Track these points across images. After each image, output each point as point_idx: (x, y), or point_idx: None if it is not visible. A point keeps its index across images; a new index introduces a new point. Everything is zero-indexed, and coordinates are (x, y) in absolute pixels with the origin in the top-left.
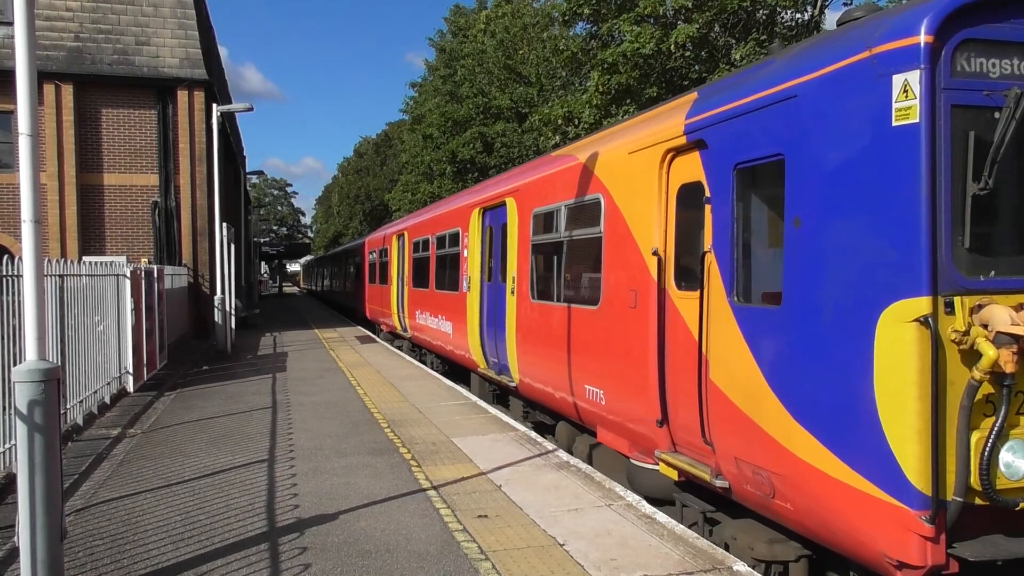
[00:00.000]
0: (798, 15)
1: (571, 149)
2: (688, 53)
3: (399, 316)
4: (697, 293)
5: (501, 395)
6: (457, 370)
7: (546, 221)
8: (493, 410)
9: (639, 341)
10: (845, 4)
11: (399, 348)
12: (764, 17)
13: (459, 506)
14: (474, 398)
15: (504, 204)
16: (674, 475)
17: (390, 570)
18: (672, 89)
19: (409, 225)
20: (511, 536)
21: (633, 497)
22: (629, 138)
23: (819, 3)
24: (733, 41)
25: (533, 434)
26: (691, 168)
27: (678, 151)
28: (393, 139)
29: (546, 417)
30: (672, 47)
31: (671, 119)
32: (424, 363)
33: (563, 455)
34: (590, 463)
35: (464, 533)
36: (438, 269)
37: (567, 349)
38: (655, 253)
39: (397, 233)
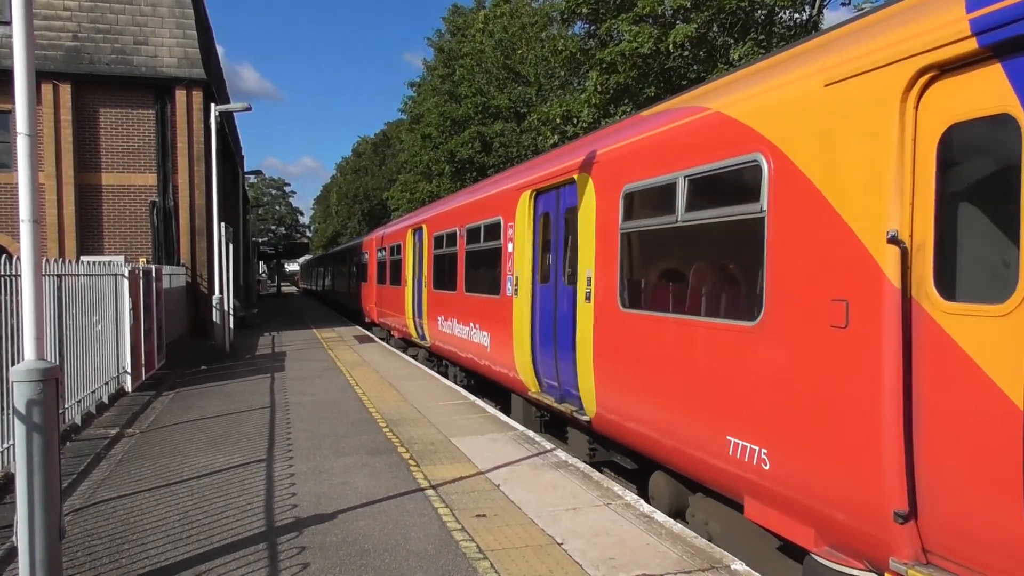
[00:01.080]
0: (796, 15)
1: (690, 97)
2: (686, 53)
3: (415, 322)
4: (1006, 308)
5: (553, 423)
6: (487, 386)
7: (648, 201)
8: (491, 409)
9: (856, 380)
10: (843, 4)
11: (414, 357)
12: (762, 17)
13: (457, 505)
14: (473, 398)
15: (570, 184)
16: None
17: (389, 569)
18: (670, 89)
19: (429, 217)
20: (509, 535)
21: (631, 496)
22: (824, 63)
23: (817, 3)
24: (731, 41)
25: (531, 433)
26: (977, 94)
27: (944, 68)
28: (392, 139)
29: (629, 460)
30: (670, 47)
31: (927, 18)
32: (446, 376)
33: (561, 454)
34: (710, 538)
35: (462, 532)
36: (469, 268)
37: (692, 382)
38: (894, 240)
39: (413, 227)
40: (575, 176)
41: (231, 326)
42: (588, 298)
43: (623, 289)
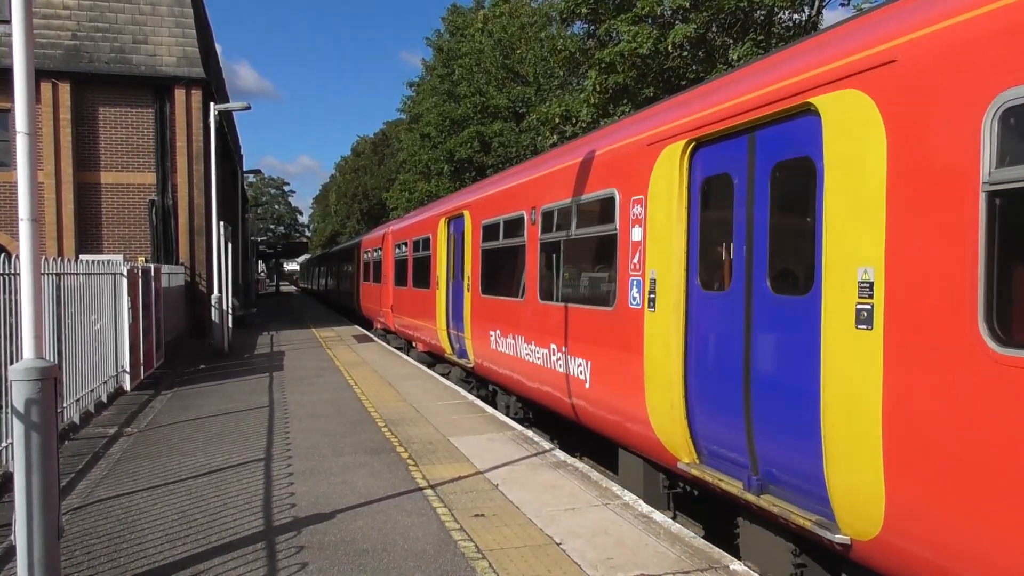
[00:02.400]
0: (796, 15)
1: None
2: (685, 53)
3: (451, 334)
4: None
5: (688, 497)
6: (545, 416)
7: None
8: (490, 409)
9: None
10: (843, 4)
11: (444, 375)
12: (761, 17)
13: (456, 505)
14: (471, 398)
15: (794, 117)
16: None
17: (387, 569)
18: (669, 89)
19: (474, 200)
20: (508, 535)
21: (630, 496)
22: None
23: (816, 3)
24: (730, 41)
25: (530, 433)
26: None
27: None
28: (391, 138)
29: None
30: (669, 47)
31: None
32: (493, 405)
33: (560, 454)
34: None
35: (461, 532)
36: (548, 266)
37: None
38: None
39: (448, 215)
40: (821, 97)
41: (230, 325)
42: (865, 322)
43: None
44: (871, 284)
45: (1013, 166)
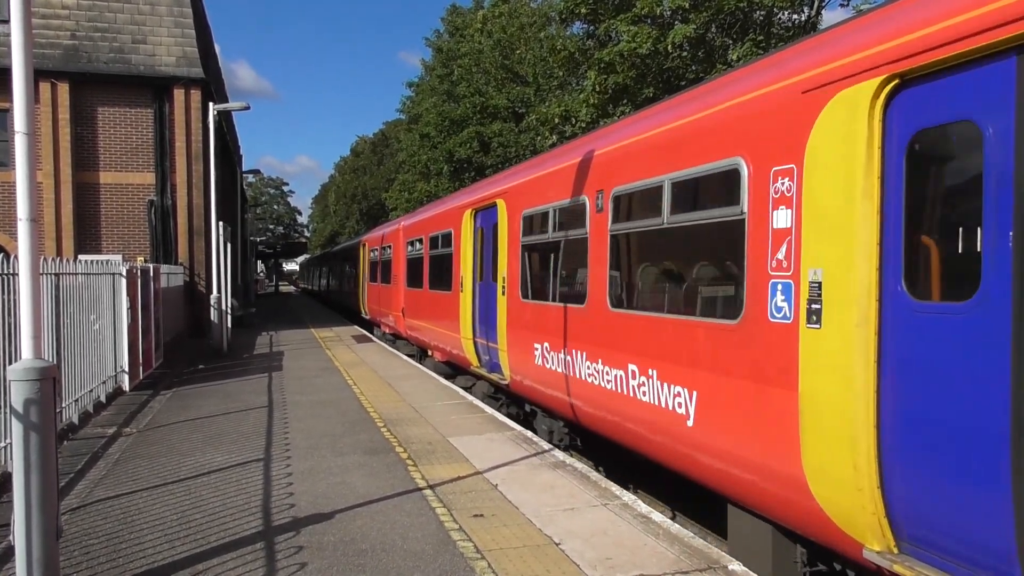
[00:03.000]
0: (795, 16)
1: None
2: (685, 53)
3: (479, 344)
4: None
5: None
6: (603, 447)
7: None
8: (489, 410)
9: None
10: (842, 5)
11: (466, 389)
12: (761, 18)
13: (455, 505)
14: (471, 398)
15: None
16: None
17: (386, 569)
18: (669, 89)
19: (512, 186)
20: (507, 535)
21: (629, 497)
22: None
23: (816, 4)
24: (730, 42)
25: (529, 433)
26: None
27: None
28: (390, 139)
29: None
30: (669, 47)
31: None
32: (529, 427)
33: (559, 454)
34: None
35: (460, 532)
36: (620, 265)
37: None
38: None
39: (476, 205)
40: None
41: (229, 325)
42: None
43: None
44: None
45: None
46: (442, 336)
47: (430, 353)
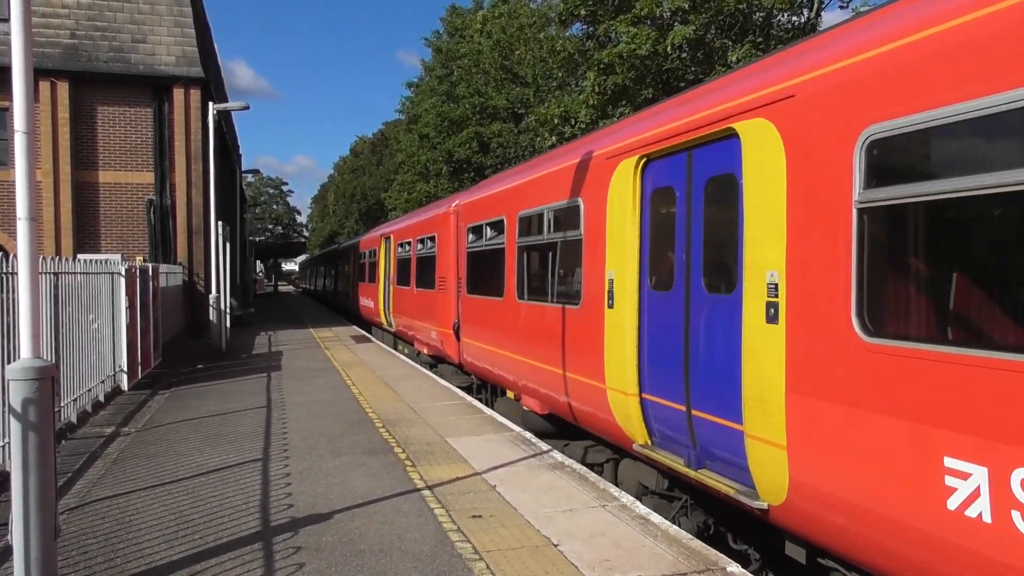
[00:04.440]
0: (795, 17)
1: None
2: (684, 55)
3: (656, 412)
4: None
5: None
6: None
7: None
8: (488, 410)
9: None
10: (841, 7)
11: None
12: (761, 19)
13: (453, 506)
14: (469, 398)
15: None
16: None
17: (384, 570)
18: (668, 91)
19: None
20: (505, 536)
21: (627, 498)
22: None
23: (815, 5)
24: (729, 43)
25: (528, 434)
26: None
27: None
28: (389, 139)
29: None
30: (668, 48)
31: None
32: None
33: (558, 455)
34: None
35: (458, 533)
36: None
37: None
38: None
39: (623, 150)
40: None
41: (228, 325)
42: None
43: None
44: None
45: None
46: (579, 391)
47: (525, 403)
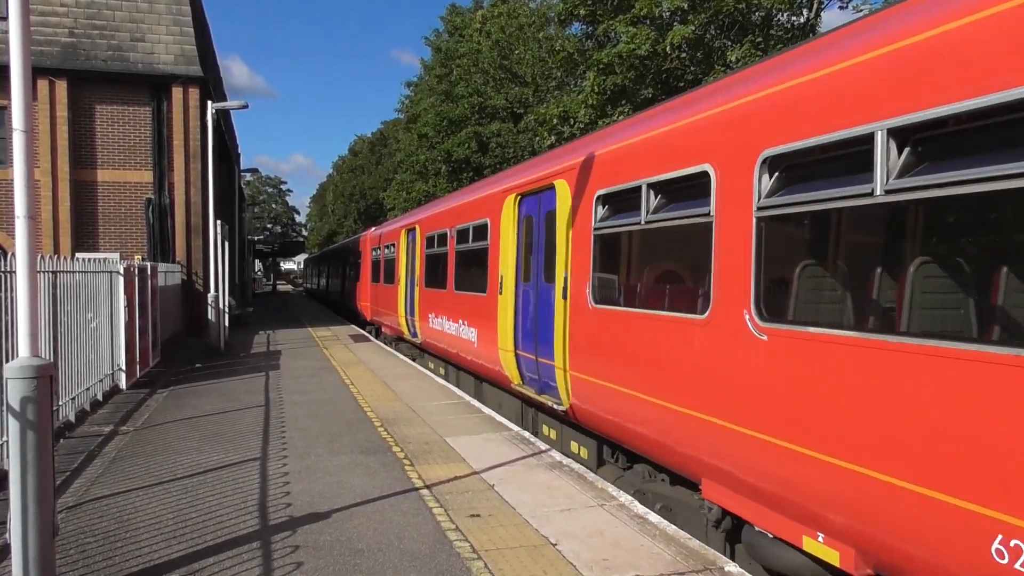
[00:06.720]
0: (794, 17)
1: None
2: (684, 55)
3: None
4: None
5: None
6: None
7: None
8: (487, 410)
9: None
10: (841, 7)
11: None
12: (760, 19)
13: (452, 505)
14: (468, 398)
15: None
16: None
17: (382, 569)
18: (667, 90)
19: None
20: (503, 535)
21: (626, 497)
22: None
23: (815, 6)
24: (729, 43)
25: (526, 434)
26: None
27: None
28: (388, 138)
29: None
30: (668, 48)
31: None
32: None
33: (556, 455)
34: None
35: (456, 532)
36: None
37: None
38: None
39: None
40: None
41: (226, 324)
42: (564, 296)
43: None
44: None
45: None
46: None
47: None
